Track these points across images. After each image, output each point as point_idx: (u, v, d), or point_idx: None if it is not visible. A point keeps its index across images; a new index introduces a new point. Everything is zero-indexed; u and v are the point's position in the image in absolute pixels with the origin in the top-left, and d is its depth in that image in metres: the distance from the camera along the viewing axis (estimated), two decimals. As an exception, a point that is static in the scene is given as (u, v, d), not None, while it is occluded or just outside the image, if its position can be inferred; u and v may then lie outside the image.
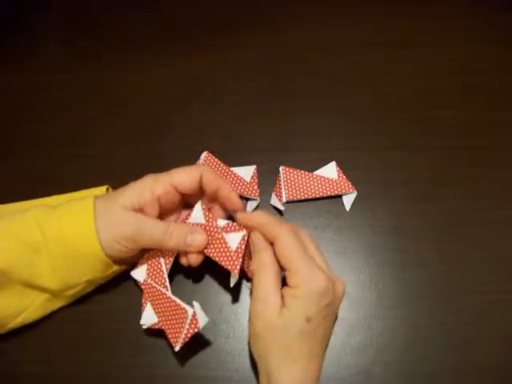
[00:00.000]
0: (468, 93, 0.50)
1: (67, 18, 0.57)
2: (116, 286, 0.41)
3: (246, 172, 0.46)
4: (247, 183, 0.45)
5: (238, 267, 0.36)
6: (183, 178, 0.38)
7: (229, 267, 0.37)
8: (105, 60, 0.54)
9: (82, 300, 0.41)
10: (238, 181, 0.45)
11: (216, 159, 0.46)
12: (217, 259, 0.38)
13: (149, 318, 0.39)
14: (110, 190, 0.44)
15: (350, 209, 0.45)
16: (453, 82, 0.51)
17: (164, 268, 0.40)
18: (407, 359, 0.39)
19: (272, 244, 0.36)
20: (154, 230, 0.37)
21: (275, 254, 0.36)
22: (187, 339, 0.36)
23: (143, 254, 0.41)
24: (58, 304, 0.40)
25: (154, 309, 0.39)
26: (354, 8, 0.55)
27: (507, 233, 0.44)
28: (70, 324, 0.41)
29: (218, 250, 0.38)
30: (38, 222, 0.36)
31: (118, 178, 0.44)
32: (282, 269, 0.36)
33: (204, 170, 0.38)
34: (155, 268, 0.40)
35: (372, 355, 0.39)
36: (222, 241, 0.37)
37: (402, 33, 0.54)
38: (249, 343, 0.37)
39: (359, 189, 0.45)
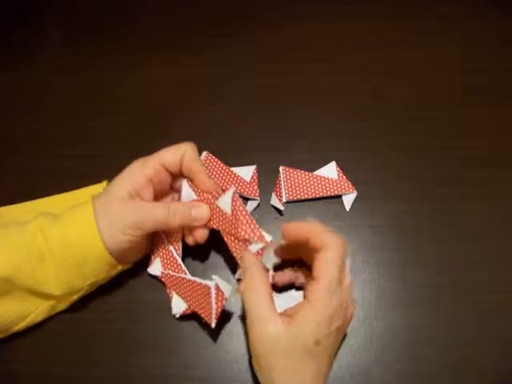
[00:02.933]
0: (468, 93, 0.50)
1: (67, 17, 0.57)
2: (116, 285, 0.41)
3: (246, 172, 0.46)
4: (247, 183, 0.45)
5: (243, 227, 0.36)
6: (170, 155, 0.39)
7: (232, 230, 0.37)
8: (105, 60, 0.54)
9: (82, 300, 0.41)
10: (238, 181, 0.45)
11: (216, 159, 0.46)
12: (220, 228, 0.38)
13: (178, 306, 0.40)
14: None
15: (350, 209, 0.45)
16: (453, 81, 0.51)
17: (175, 254, 0.40)
18: (407, 359, 0.39)
19: (314, 250, 0.35)
20: (156, 213, 0.37)
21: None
22: (219, 313, 0.36)
23: (145, 249, 0.41)
24: (61, 307, 0.40)
25: (181, 296, 0.39)
26: (354, 8, 0.55)
27: (507, 233, 0.44)
28: (70, 324, 0.41)
29: (218, 219, 0.38)
30: (41, 231, 0.36)
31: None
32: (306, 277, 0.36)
33: (188, 148, 0.39)
34: (168, 257, 0.41)
35: (372, 355, 0.39)
36: (218, 209, 0.38)
37: (402, 33, 0.54)
38: (253, 368, 0.35)
39: (359, 189, 0.45)
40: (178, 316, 0.40)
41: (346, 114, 0.50)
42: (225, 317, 0.41)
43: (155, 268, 0.41)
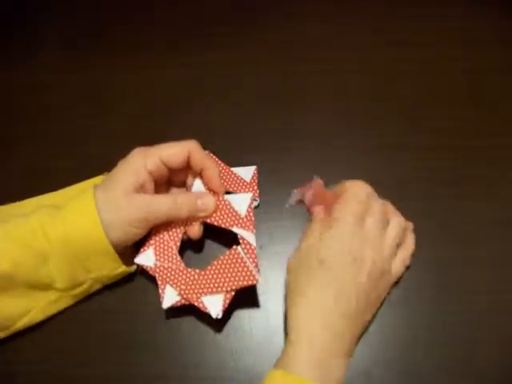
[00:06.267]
0: (468, 93, 0.50)
1: (67, 18, 0.57)
2: (116, 286, 0.41)
3: (246, 172, 0.46)
4: (247, 183, 0.45)
5: (254, 230, 0.38)
6: (172, 153, 0.39)
7: (242, 229, 0.38)
8: (105, 60, 0.54)
9: (81, 300, 0.41)
10: (238, 181, 0.45)
11: (216, 159, 0.46)
12: (227, 225, 0.38)
13: (171, 298, 0.39)
14: None
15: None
16: (453, 81, 0.51)
17: (173, 245, 0.40)
18: (407, 359, 0.39)
19: None
20: (163, 206, 0.38)
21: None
22: (258, 265, 0.38)
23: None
24: (63, 304, 0.40)
25: (178, 287, 0.38)
26: (354, 8, 0.55)
27: (507, 233, 0.44)
28: (70, 324, 0.41)
29: (226, 216, 0.39)
30: (42, 226, 0.36)
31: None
32: None
33: (192, 148, 0.39)
34: (164, 248, 0.40)
35: (372, 355, 0.39)
36: (228, 206, 0.39)
37: (402, 33, 0.54)
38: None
39: (359, 189, 0.45)
40: (164, 307, 0.38)
41: (345, 114, 0.50)
42: (225, 316, 0.41)
43: (146, 258, 0.40)
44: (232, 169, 0.46)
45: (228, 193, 0.43)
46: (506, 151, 0.47)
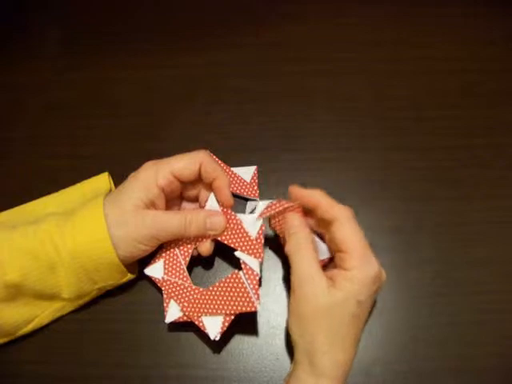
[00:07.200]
0: (468, 93, 0.50)
1: (67, 18, 0.57)
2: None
3: (246, 172, 0.46)
4: (247, 183, 0.45)
5: (263, 255, 0.37)
6: (183, 166, 0.38)
7: (251, 254, 0.37)
8: (105, 60, 0.54)
9: (82, 300, 0.41)
10: (238, 181, 0.45)
11: (216, 159, 0.46)
12: (236, 245, 0.38)
13: (174, 313, 0.39)
14: (111, 179, 0.44)
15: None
16: (453, 81, 0.51)
17: (182, 261, 0.40)
18: (407, 359, 0.39)
19: (326, 223, 0.36)
20: (172, 224, 0.37)
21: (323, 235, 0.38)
22: (258, 293, 0.36)
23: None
24: (67, 310, 0.40)
25: (181, 303, 0.38)
26: (354, 8, 0.55)
27: (507, 233, 0.44)
28: (70, 324, 0.41)
29: (236, 236, 0.38)
30: (51, 237, 0.36)
31: (118, 178, 0.44)
32: (334, 251, 0.37)
33: (203, 159, 0.38)
34: (173, 263, 0.40)
35: (372, 355, 0.39)
36: (239, 226, 0.38)
37: (402, 33, 0.54)
38: (287, 325, 0.37)
39: (359, 189, 0.45)
40: (167, 322, 0.39)
41: (345, 114, 0.50)
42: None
43: (155, 270, 0.40)
44: (232, 169, 0.46)
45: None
46: (506, 151, 0.47)
